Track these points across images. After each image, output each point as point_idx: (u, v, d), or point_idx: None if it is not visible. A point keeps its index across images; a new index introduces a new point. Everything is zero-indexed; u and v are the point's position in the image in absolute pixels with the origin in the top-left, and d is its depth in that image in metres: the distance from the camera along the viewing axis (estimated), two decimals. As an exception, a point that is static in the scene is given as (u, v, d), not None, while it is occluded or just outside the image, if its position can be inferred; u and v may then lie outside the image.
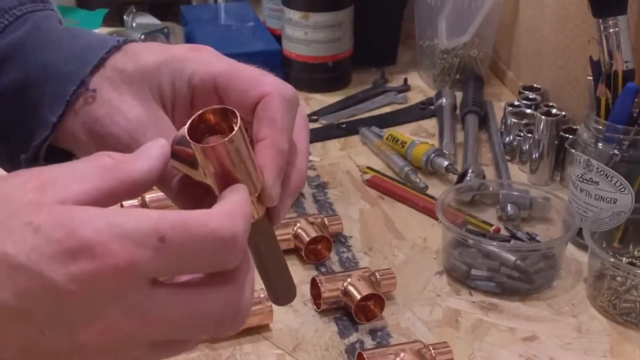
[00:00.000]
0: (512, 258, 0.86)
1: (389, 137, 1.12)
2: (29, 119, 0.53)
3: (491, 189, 0.99)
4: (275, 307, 0.80)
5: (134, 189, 0.42)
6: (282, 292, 0.52)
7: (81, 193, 0.40)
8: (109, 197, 0.41)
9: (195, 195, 0.48)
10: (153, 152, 0.43)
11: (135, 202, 0.94)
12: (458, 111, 1.20)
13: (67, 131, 0.52)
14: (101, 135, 0.51)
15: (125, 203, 0.91)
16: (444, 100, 1.21)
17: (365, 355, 0.73)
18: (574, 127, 1.02)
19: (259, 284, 0.86)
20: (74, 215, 0.38)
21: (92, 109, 0.51)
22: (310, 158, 1.11)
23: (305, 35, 1.26)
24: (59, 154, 0.54)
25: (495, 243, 0.89)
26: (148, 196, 0.94)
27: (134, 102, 0.51)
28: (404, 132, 1.16)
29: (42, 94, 0.52)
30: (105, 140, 0.51)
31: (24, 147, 0.53)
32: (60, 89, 0.52)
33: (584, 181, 0.90)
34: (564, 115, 1.06)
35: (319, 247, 0.91)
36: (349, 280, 0.83)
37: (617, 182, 0.88)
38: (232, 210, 0.41)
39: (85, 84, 0.51)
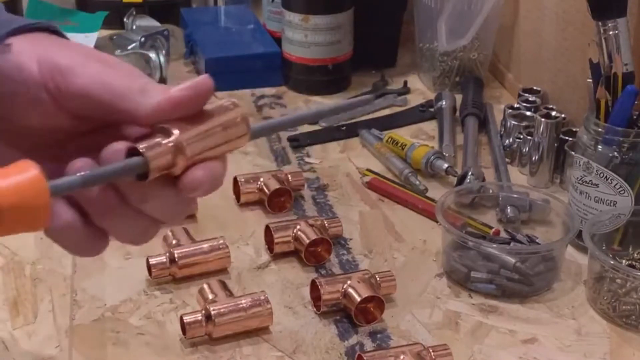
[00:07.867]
0: (512, 260, 0.86)
1: (389, 140, 1.12)
2: None
3: (491, 191, 0.99)
4: (275, 309, 0.80)
5: None
6: None
7: None
8: None
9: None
10: None
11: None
12: (458, 113, 1.21)
13: None
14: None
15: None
16: (444, 103, 1.21)
17: (365, 358, 0.74)
18: (574, 130, 1.02)
19: (259, 287, 0.86)
20: None
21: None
22: (310, 160, 1.11)
23: (305, 38, 1.26)
24: None
25: (495, 245, 0.89)
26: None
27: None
28: (403, 134, 1.16)
29: None
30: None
31: None
32: None
33: (584, 183, 0.90)
34: (564, 118, 1.06)
35: (319, 250, 0.91)
36: (348, 282, 0.83)
37: (616, 184, 0.88)
38: None
39: (1, 38, 0.55)
